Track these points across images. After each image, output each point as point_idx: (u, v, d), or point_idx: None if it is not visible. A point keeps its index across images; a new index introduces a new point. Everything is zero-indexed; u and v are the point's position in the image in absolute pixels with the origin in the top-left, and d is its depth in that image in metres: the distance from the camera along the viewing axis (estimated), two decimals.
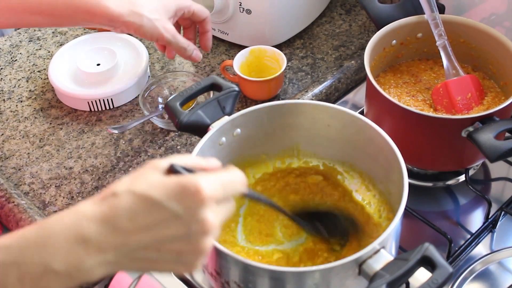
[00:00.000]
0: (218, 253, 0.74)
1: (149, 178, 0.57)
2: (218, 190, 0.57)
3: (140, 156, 1.06)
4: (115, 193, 0.56)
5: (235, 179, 0.61)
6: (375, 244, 0.70)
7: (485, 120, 0.88)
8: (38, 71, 1.22)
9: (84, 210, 0.56)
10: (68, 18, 0.89)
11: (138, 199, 0.56)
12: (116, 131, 1.06)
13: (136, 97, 1.16)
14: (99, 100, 1.12)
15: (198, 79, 1.12)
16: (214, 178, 0.58)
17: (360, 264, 0.70)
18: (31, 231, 0.56)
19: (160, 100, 1.12)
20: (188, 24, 1.05)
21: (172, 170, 0.59)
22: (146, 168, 0.59)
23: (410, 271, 0.67)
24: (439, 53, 1.01)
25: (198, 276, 0.90)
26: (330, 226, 0.84)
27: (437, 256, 0.67)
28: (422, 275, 0.74)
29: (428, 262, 0.67)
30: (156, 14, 0.93)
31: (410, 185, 0.77)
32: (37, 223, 0.57)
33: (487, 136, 0.85)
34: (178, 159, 0.60)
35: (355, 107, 1.16)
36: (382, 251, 0.70)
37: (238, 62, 1.12)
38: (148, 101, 1.11)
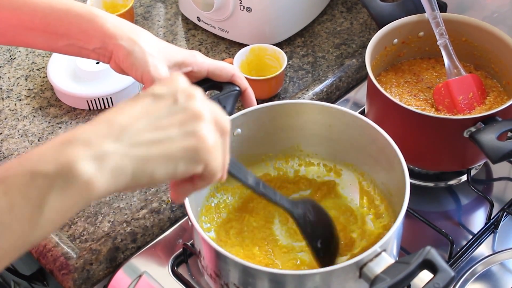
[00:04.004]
0: (217, 255, 0.73)
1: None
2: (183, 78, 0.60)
3: None
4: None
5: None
6: (376, 247, 0.70)
7: (487, 120, 0.88)
8: (37, 69, 1.21)
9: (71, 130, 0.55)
10: (61, 36, 0.84)
11: (124, 102, 0.57)
12: None
13: None
14: (98, 98, 1.12)
15: None
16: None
17: (360, 267, 0.69)
18: (12, 162, 0.53)
19: None
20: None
21: None
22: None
23: (411, 275, 0.67)
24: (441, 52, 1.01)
25: (198, 277, 0.90)
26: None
27: (439, 260, 0.66)
28: (425, 276, 0.73)
29: (429, 266, 0.67)
30: (153, 50, 0.81)
31: (411, 185, 0.77)
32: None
33: (489, 137, 0.85)
34: None
35: (356, 105, 1.16)
36: (383, 254, 0.70)
37: (238, 61, 1.12)
38: None
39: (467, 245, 0.92)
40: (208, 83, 0.87)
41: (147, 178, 0.55)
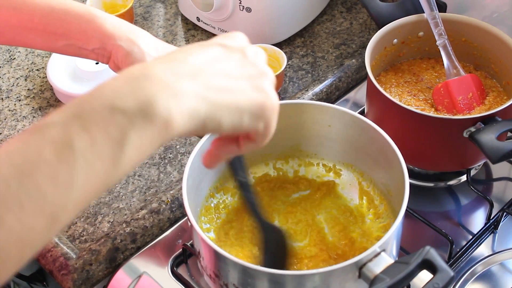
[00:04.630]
0: (216, 255, 0.73)
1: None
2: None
3: None
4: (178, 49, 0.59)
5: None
6: (375, 247, 0.70)
7: (487, 120, 0.88)
8: (37, 70, 1.21)
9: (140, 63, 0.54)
10: (60, 36, 0.84)
11: (188, 48, 0.57)
12: None
13: None
14: None
15: None
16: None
17: (360, 267, 0.69)
18: (82, 97, 0.50)
19: None
20: None
21: None
22: None
23: (411, 275, 0.67)
24: None
25: (198, 277, 0.90)
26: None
27: (438, 260, 0.66)
28: (425, 275, 0.73)
29: (429, 266, 0.67)
30: (152, 51, 0.81)
31: (411, 185, 0.76)
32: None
33: (489, 137, 0.85)
34: None
35: (356, 105, 1.16)
36: (383, 254, 0.70)
37: None
38: None
39: (467, 245, 0.92)
40: None
41: (214, 125, 0.54)
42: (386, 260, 0.69)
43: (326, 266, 0.78)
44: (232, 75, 0.56)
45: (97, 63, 1.14)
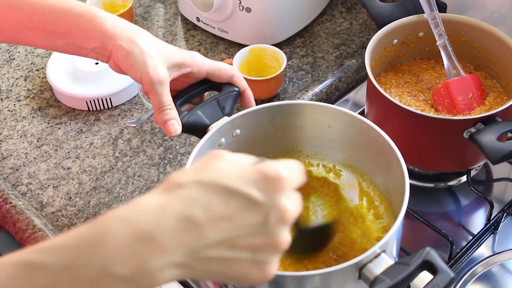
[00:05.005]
0: None
1: (218, 166, 0.54)
2: (294, 176, 0.56)
3: (139, 156, 1.05)
4: (181, 184, 0.53)
5: (299, 167, 0.59)
6: (375, 248, 0.69)
7: (487, 121, 0.87)
8: (36, 70, 1.21)
9: (148, 203, 0.52)
10: (60, 35, 0.83)
11: (211, 187, 0.52)
12: (134, 125, 1.05)
13: (134, 96, 1.15)
14: (98, 99, 1.11)
15: None
16: (288, 165, 0.56)
17: (360, 268, 0.69)
18: (86, 229, 0.51)
19: None
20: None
21: None
22: (210, 157, 0.55)
23: (411, 276, 0.66)
24: None
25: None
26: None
27: (438, 261, 0.66)
28: (426, 276, 0.73)
29: (429, 267, 0.66)
30: (152, 51, 0.80)
31: (411, 185, 0.76)
32: (93, 222, 0.52)
33: (489, 138, 0.85)
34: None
35: (356, 106, 1.16)
36: (383, 255, 0.69)
37: (238, 61, 1.11)
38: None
39: (467, 246, 0.92)
40: (207, 84, 0.87)
41: (200, 279, 0.57)
42: (386, 261, 0.69)
43: (326, 267, 0.78)
44: (236, 245, 0.53)
45: (96, 63, 1.14)
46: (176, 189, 0.53)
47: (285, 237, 0.55)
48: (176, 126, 0.81)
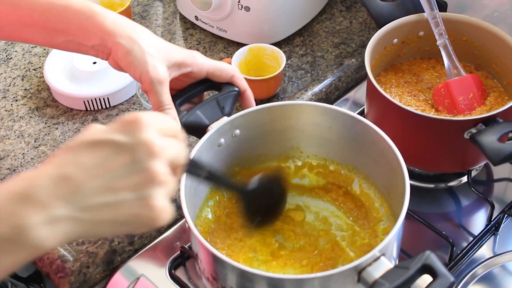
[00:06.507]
0: (214, 258, 0.72)
1: (84, 132, 0.58)
2: (158, 121, 0.59)
3: None
4: (53, 155, 0.57)
5: (162, 115, 0.62)
6: (375, 251, 0.69)
7: (488, 121, 0.87)
8: (34, 69, 1.20)
9: (25, 173, 0.55)
10: (60, 32, 0.83)
11: (78, 147, 0.56)
12: None
13: (132, 96, 1.14)
14: (95, 99, 1.11)
15: None
16: (150, 113, 0.59)
17: (359, 272, 0.69)
18: None
19: None
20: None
21: None
22: (82, 131, 0.60)
23: (410, 280, 0.66)
24: None
25: (196, 280, 0.89)
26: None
27: (438, 265, 0.66)
28: (427, 278, 0.73)
29: (429, 271, 0.66)
30: (153, 50, 0.80)
31: (411, 186, 0.76)
32: None
33: (490, 138, 0.84)
34: None
35: (356, 105, 1.15)
36: (382, 258, 0.69)
37: (237, 60, 1.11)
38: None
39: (468, 247, 0.91)
40: (207, 84, 0.86)
41: (95, 236, 0.59)
42: (386, 264, 0.68)
43: (324, 270, 0.77)
44: (113, 188, 0.56)
45: (94, 63, 1.13)
46: (49, 159, 0.57)
47: (159, 169, 0.57)
48: None
